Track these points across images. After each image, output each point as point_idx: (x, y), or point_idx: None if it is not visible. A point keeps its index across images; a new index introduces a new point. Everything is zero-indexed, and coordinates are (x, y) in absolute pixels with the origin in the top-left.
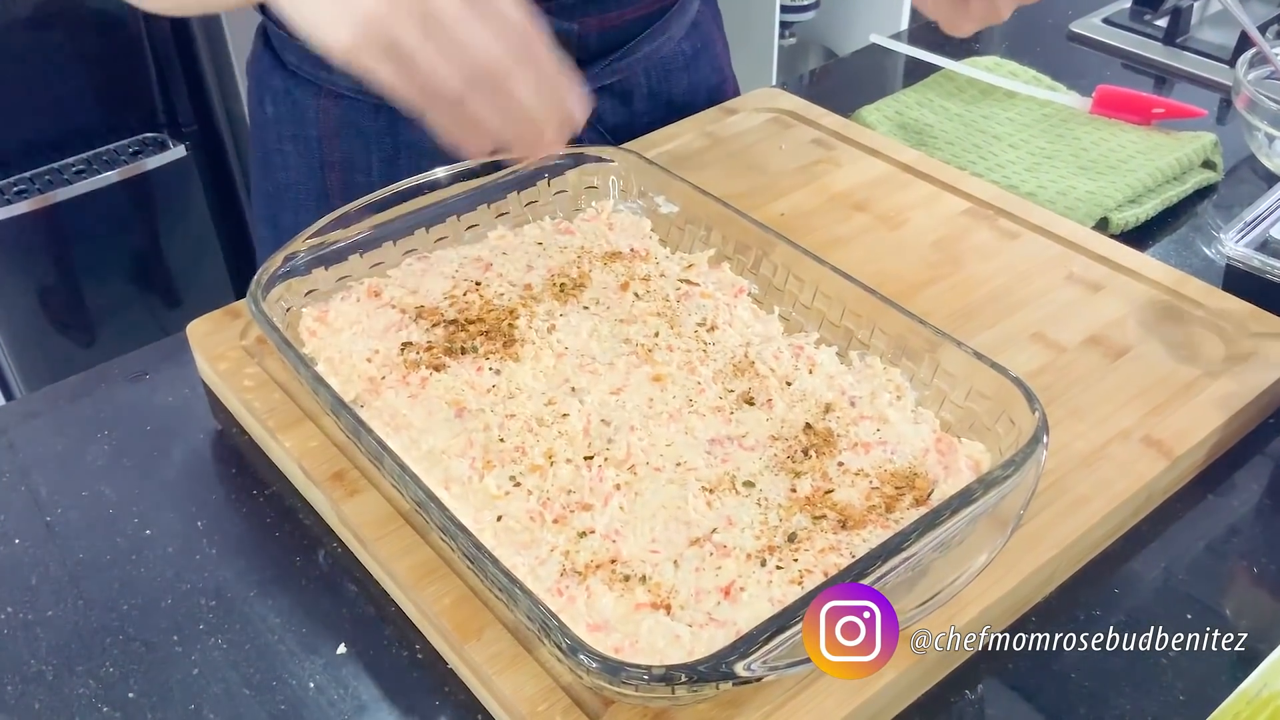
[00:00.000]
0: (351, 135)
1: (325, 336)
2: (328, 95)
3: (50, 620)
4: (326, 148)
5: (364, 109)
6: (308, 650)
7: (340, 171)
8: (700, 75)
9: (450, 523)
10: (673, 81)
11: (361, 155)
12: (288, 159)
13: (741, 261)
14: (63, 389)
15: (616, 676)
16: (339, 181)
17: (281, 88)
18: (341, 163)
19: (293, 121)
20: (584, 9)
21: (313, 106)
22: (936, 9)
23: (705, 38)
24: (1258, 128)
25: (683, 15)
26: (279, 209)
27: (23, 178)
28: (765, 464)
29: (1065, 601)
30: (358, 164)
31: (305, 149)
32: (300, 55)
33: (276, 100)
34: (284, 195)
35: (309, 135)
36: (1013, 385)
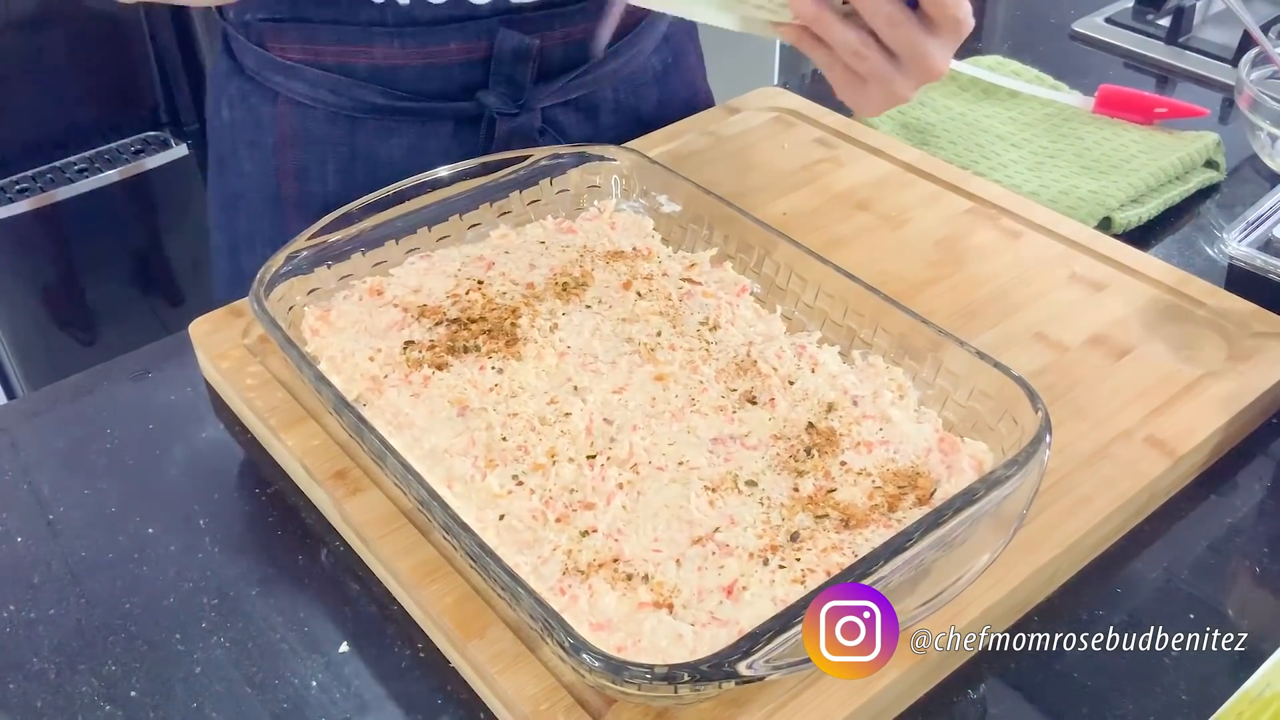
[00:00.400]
0: (307, 143)
1: (327, 335)
2: (284, 102)
3: (52, 619)
4: (282, 155)
5: (320, 117)
6: (310, 649)
7: (295, 180)
8: (671, 90)
9: (453, 521)
10: (642, 96)
11: (317, 164)
12: (243, 165)
13: (744, 261)
14: (65, 388)
15: (619, 676)
16: (294, 190)
17: (238, 93)
18: (296, 171)
19: (249, 127)
20: (548, 22)
21: (269, 113)
22: (842, 94)
23: (677, 51)
24: (1260, 127)
25: (654, 29)
26: (234, 215)
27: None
28: (768, 463)
29: (1067, 601)
30: (313, 173)
31: (261, 156)
32: (259, 61)
33: (233, 105)
34: (239, 202)
35: (265, 142)
36: (1015, 385)
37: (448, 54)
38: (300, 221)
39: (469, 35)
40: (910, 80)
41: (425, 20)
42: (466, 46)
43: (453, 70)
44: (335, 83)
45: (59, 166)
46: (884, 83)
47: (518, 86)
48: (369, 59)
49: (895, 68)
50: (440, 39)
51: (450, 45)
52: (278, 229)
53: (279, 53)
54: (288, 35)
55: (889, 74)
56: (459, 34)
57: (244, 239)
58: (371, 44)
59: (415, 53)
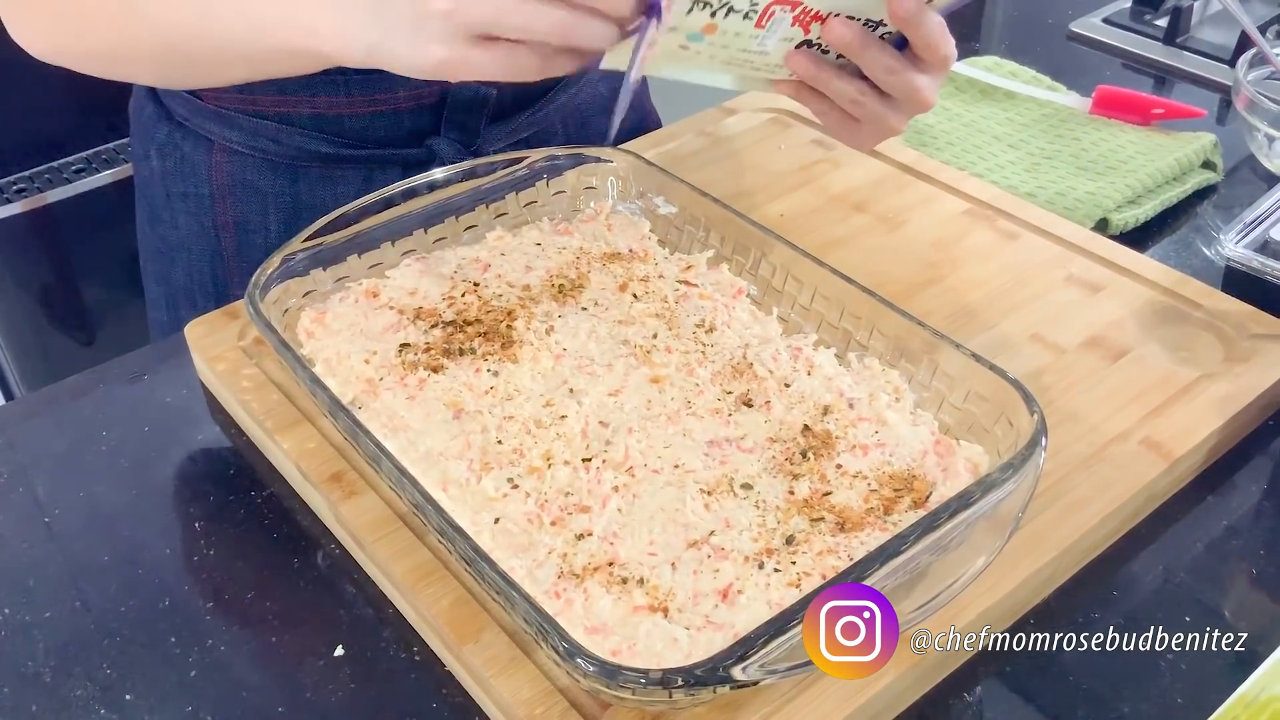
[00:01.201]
0: (248, 194)
1: (323, 337)
2: (221, 150)
3: (48, 621)
4: (220, 207)
5: (261, 166)
6: (305, 652)
7: (235, 233)
8: None
9: (448, 525)
10: (591, 127)
11: (258, 216)
12: (177, 217)
13: (740, 262)
14: (61, 390)
15: (614, 680)
16: (234, 243)
17: (168, 141)
18: (237, 223)
19: (182, 178)
20: None
21: (204, 163)
22: (838, 136)
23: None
24: (1258, 128)
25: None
26: (169, 267)
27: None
28: (763, 466)
29: (1064, 604)
30: (254, 224)
31: (197, 207)
32: (190, 108)
33: (164, 154)
34: (175, 254)
35: (200, 193)
36: (1011, 387)
37: (395, 100)
38: (243, 274)
39: (417, 82)
40: (904, 115)
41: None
42: (416, 93)
43: (402, 117)
44: (275, 131)
45: (55, 167)
46: (879, 121)
47: (470, 132)
48: (312, 108)
49: (890, 107)
50: (387, 86)
51: (399, 93)
52: (220, 282)
53: (212, 101)
54: (224, 90)
55: (884, 114)
56: (406, 81)
57: (183, 292)
58: (314, 94)
59: (362, 100)
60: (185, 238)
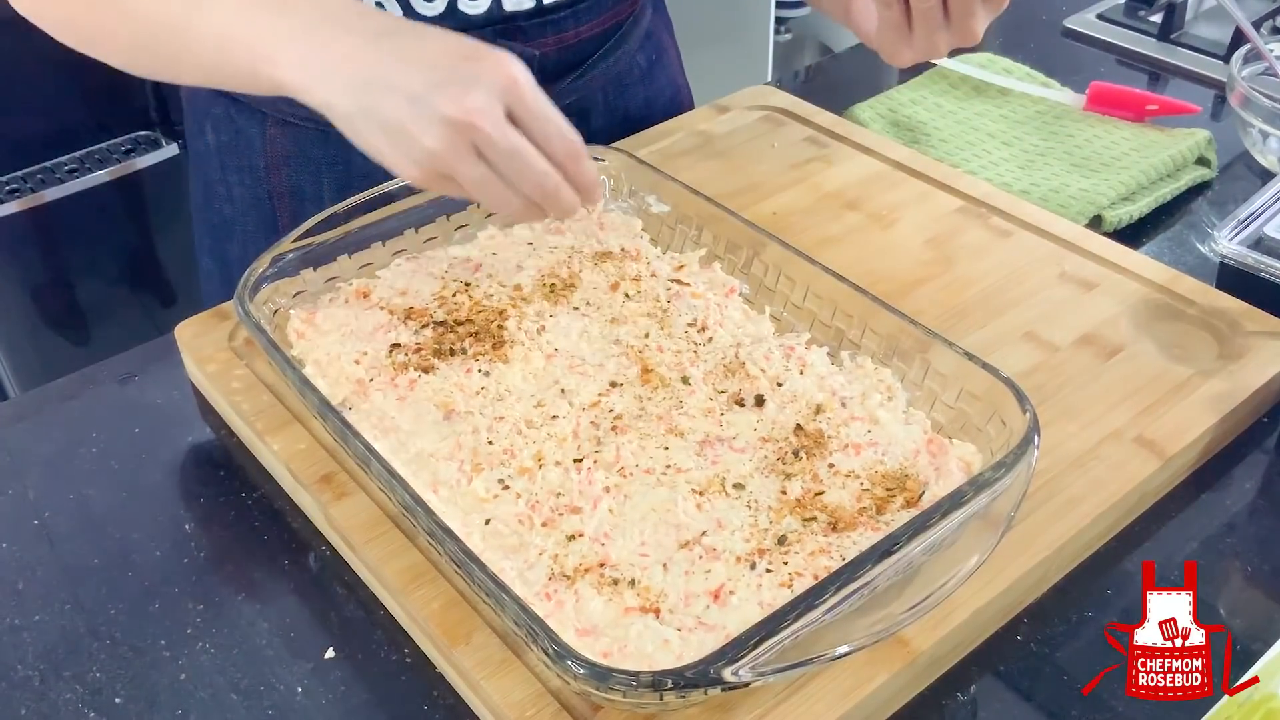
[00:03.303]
0: (301, 164)
1: (313, 338)
2: (274, 123)
3: (37, 625)
4: (274, 178)
5: (313, 136)
6: (296, 655)
7: (290, 202)
8: (656, 87)
9: (438, 527)
10: (629, 96)
11: (312, 185)
12: (232, 190)
13: (733, 261)
14: (51, 391)
15: (604, 682)
16: (288, 212)
17: (224, 115)
18: (291, 193)
19: (237, 151)
20: (540, 31)
21: (259, 135)
22: (880, 39)
23: (659, 48)
24: (1252, 124)
25: (637, 27)
26: (225, 242)
27: (15, 177)
28: (755, 466)
29: (1058, 602)
30: (308, 194)
31: (252, 180)
32: None
33: (218, 128)
34: (230, 228)
35: (255, 165)
36: (1004, 386)
37: None
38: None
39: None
40: (951, 38)
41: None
42: None
43: None
44: None
45: (49, 167)
46: (929, 32)
47: None
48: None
49: (944, 21)
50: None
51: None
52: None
53: None
54: None
55: (938, 24)
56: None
57: (238, 265)
58: None
59: None
60: (240, 211)
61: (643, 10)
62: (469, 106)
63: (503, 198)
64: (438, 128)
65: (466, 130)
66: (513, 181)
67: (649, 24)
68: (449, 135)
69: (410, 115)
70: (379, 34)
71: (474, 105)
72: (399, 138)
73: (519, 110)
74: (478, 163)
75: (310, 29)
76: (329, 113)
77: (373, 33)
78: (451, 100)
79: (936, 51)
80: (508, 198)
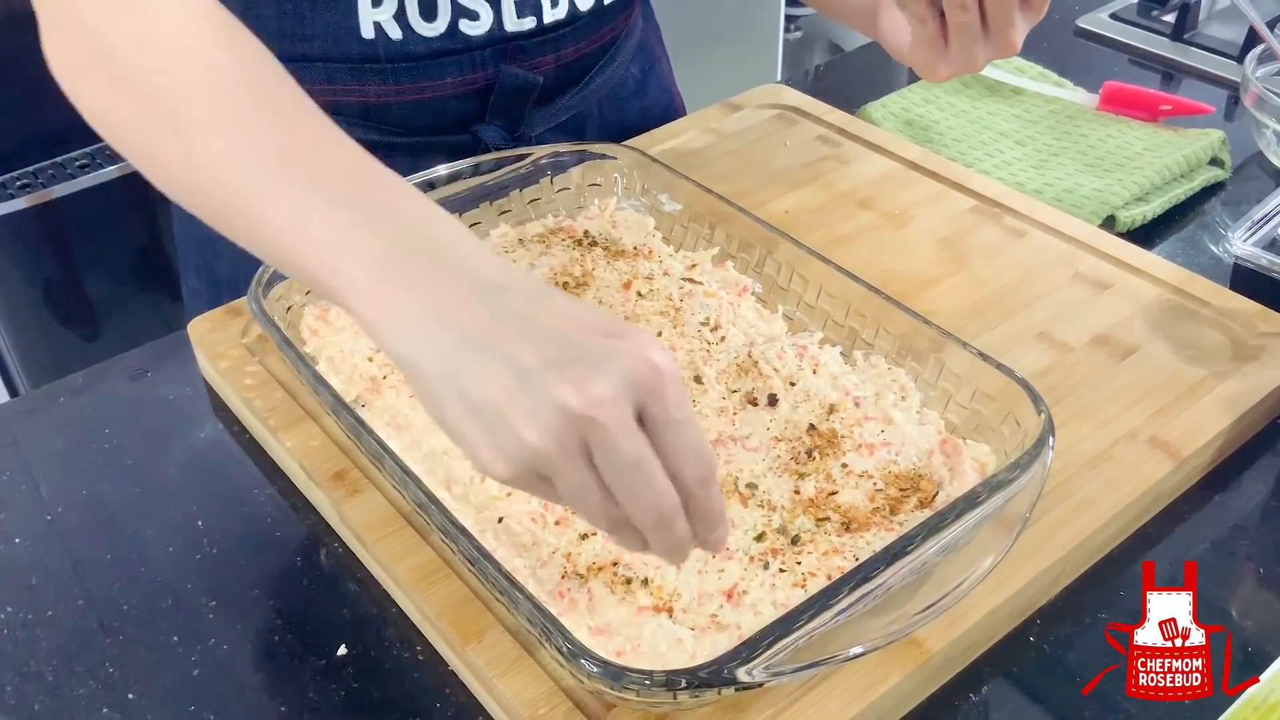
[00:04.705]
0: None
1: (326, 335)
2: None
3: (50, 620)
4: None
5: None
6: (308, 651)
7: None
8: (651, 97)
9: (451, 524)
10: (625, 108)
11: None
12: None
13: (745, 260)
14: (64, 387)
15: (618, 681)
16: None
17: None
18: None
19: None
20: (541, 49)
21: None
22: (915, 55)
23: (651, 57)
24: (1266, 125)
25: (630, 39)
26: (211, 259)
27: (25, 172)
28: (769, 465)
29: (1071, 604)
30: None
31: None
32: None
33: None
34: (216, 245)
35: None
36: (1018, 386)
37: (442, 88)
38: None
39: (464, 69)
40: (989, 50)
41: (419, 55)
42: (463, 80)
43: (447, 104)
44: None
45: (59, 162)
46: (967, 45)
47: (515, 119)
48: (361, 96)
49: (983, 35)
50: (435, 74)
51: (446, 80)
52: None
53: None
54: None
55: (975, 37)
56: (454, 68)
57: (226, 284)
58: (364, 82)
59: (410, 89)
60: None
61: (635, 23)
62: (594, 396)
63: (601, 515)
64: (548, 417)
65: (584, 425)
66: (622, 500)
67: (641, 35)
68: (560, 429)
69: (514, 396)
70: (488, 285)
71: (601, 395)
72: (493, 423)
73: (655, 412)
74: (587, 468)
75: (399, 257)
76: (407, 371)
77: (481, 281)
78: (573, 384)
79: (974, 65)
80: (609, 517)
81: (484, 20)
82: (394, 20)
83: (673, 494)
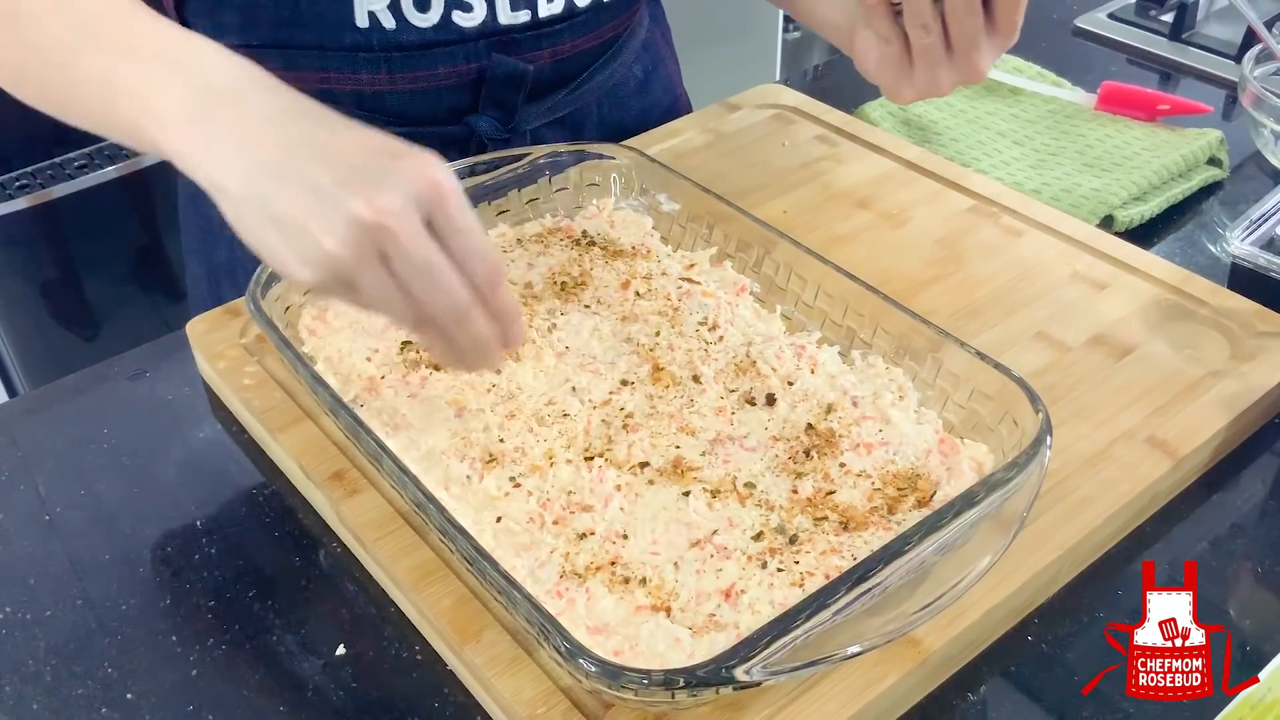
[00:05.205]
0: None
1: (324, 335)
2: None
3: (49, 620)
4: None
5: None
6: (307, 651)
7: None
8: (653, 98)
9: (449, 524)
10: (625, 108)
11: None
12: None
13: (743, 260)
14: (62, 387)
15: (616, 681)
16: None
17: None
18: None
19: None
20: (535, 43)
21: None
22: (878, 74)
23: (656, 58)
24: (1264, 124)
25: (633, 39)
26: (211, 245)
27: (24, 173)
28: (766, 465)
29: (1069, 603)
30: None
31: None
32: None
33: None
34: (217, 231)
35: None
36: (1016, 386)
37: (436, 78)
38: None
39: (458, 59)
40: (954, 74)
41: (412, 45)
42: (455, 71)
43: (441, 94)
44: None
45: (58, 163)
46: (931, 68)
47: (508, 110)
48: (354, 85)
49: (947, 60)
50: (428, 64)
51: (439, 70)
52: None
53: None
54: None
55: (939, 60)
56: (447, 58)
57: (224, 269)
58: (357, 71)
59: (403, 78)
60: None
61: (639, 22)
62: (382, 206)
63: (404, 315)
64: (342, 228)
65: (376, 233)
66: (419, 299)
67: (646, 35)
68: (355, 237)
69: (312, 210)
70: (286, 117)
71: (388, 206)
72: (295, 235)
73: (439, 219)
74: (384, 272)
75: (205, 97)
76: (216, 195)
77: (279, 114)
78: (363, 197)
79: (939, 89)
80: (409, 316)
81: (478, 12)
82: (388, 10)
83: (464, 290)
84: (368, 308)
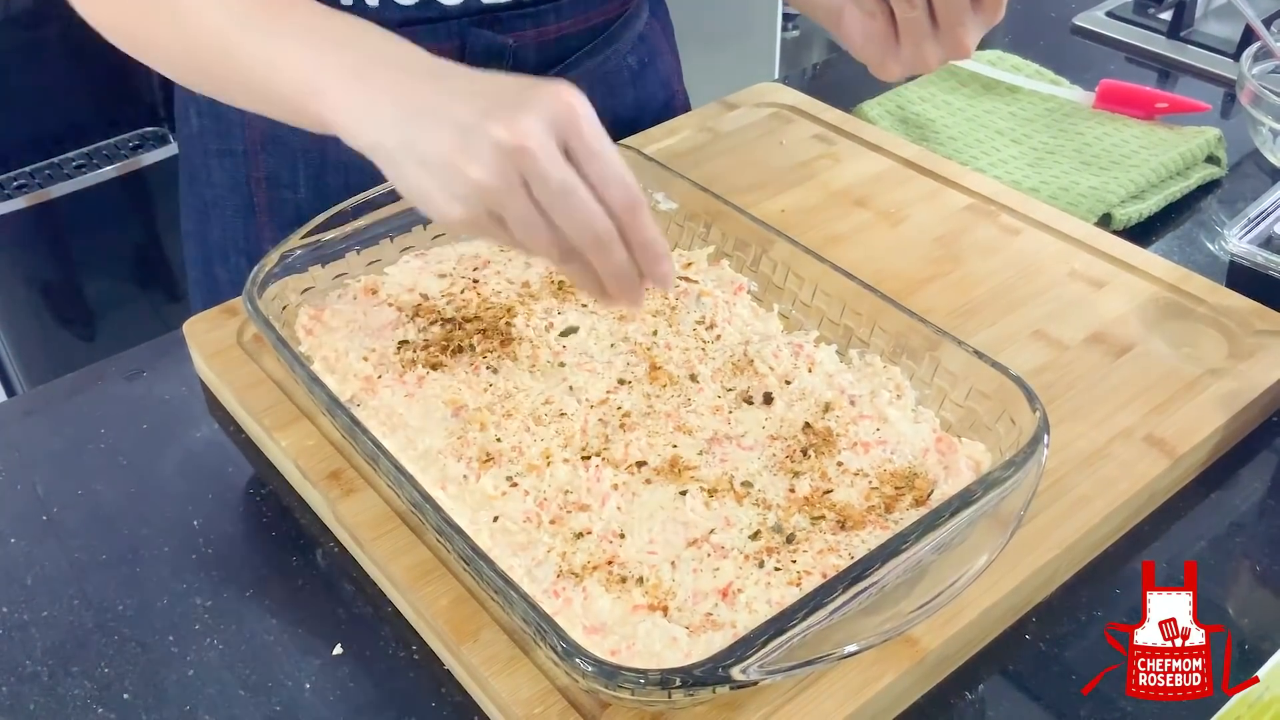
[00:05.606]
0: (278, 150)
1: (321, 334)
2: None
3: (46, 620)
4: (253, 162)
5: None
6: (304, 651)
7: (267, 187)
8: (647, 91)
9: (446, 524)
10: (617, 98)
11: (288, 171)
12: (213, 173)
13: (741, 259)
14: (60, 387)
15: (612, 680)
16: (265, 197)
17: (207, 100)
18: (268, 178)
19: (218, 135)
20: (519, 23)
21: (238, 120)
22: (865, 51)
23: (652, 51)
24: (1262, 123)
25: (628, 28)
26: (206, 225)
27: (22, 173)
28: (764, 464)
29: (1066, 602)
30: (284, 179)
31: (231, 163)
32: None
33: (202, 113)
34: (210, 210)
35: (235, 149)
36: (1013, 384)
37: None
38: (274, 230)
39: (439, 37)
40: (940, 51)
41: (394, 22)
42: (436, 49)
43: None
44: None
45: (56, 163)
46: (917, 43)
47: None
48: None
49: (933, 33)
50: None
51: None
52: (251, 238)
53: None
54: None
55: (925, 36)
56: (429, 35)
57: (216, 249)
58: None
59: None
60: (221, 194)
61: (636, 13)
62: (522, 129)
63: (550, 247)
64: (487, 154)
65: (517, 156)
66: (560, 224)
67: (643, 28)
68: (499, 164)
69: (457, 144)
70: (430, 72)
71: (528, 128)
72: (443, 172)
73: (575, 144)
74: (528, 200)
75: (361, 66)
76: (375, 155)
77: (424, 71)
78: (503, 123)
79: (926, 65)
80: (555, 248)
81: None
82: None
83: (604, 216)
84: (517, 244)
